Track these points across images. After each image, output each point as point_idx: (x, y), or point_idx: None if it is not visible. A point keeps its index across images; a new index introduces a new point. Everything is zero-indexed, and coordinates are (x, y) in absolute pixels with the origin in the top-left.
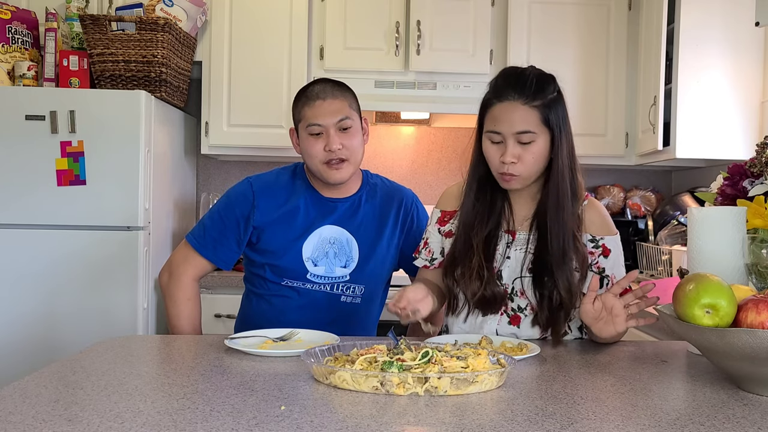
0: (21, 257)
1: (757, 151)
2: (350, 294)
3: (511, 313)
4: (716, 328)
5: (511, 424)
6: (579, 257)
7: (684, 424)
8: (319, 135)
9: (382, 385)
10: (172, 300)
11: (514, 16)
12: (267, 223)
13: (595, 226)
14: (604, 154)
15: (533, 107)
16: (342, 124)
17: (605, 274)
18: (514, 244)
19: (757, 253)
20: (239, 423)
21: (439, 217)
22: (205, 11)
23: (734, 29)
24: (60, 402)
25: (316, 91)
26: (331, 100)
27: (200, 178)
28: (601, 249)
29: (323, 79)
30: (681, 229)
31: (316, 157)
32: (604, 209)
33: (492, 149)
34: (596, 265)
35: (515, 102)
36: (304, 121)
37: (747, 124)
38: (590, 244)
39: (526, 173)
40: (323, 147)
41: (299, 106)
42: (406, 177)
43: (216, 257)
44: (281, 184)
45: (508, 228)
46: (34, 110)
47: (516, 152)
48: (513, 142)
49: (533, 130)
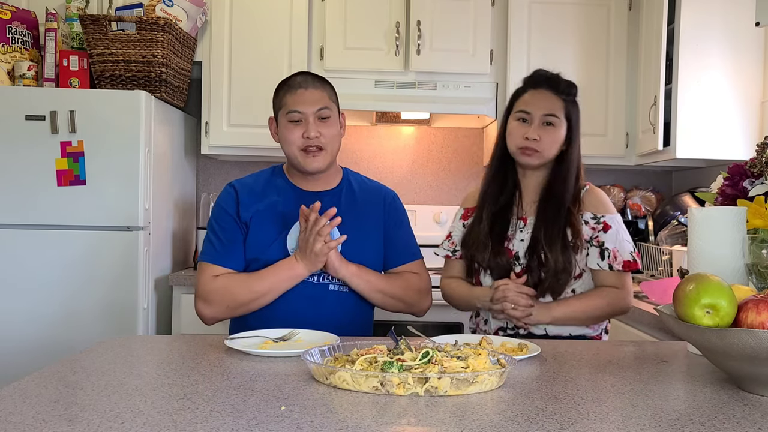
0: (21, 257)
1: (757, 151)
2: (337, 282)
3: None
4: (716, 329)
5: (511, 424)
6: (574, 231)
7: (684, 424)
8: (299, 122)
9: (382, 385)
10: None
11: (514, 16)
12: (251, 217)
13: (595, 207)
14: (605, 154)
15: (561, 98)
16: (321, 113)
17: (605, 247)
18: (526, 228)
19: (757, 253)
20: (239, 423)
21: (463, 213)
22: (205, 11)
23: (734, 29)
24: (60, 402)
25: (298, 81)
26: (312, 89)
27: (200, 178)
28: (602, 225)
29: (305, 72)
30: (681, 229)
31: (294, 144)
32: (603, 193)
33: (517, 127)
34: (596, 239)
35: (547, 91)
36: (284, 108)
37: (747, 124)
38: (592, 221)
39: (545, 153)
40: (302, 134)
41: (280, 94)
42: (406, 177)
43: (236, 263)
44: (260, 182)
45: (519, 214)
46: (34, 110)
47: (539, 131)
48: (538, 123)
49: (558, 116)
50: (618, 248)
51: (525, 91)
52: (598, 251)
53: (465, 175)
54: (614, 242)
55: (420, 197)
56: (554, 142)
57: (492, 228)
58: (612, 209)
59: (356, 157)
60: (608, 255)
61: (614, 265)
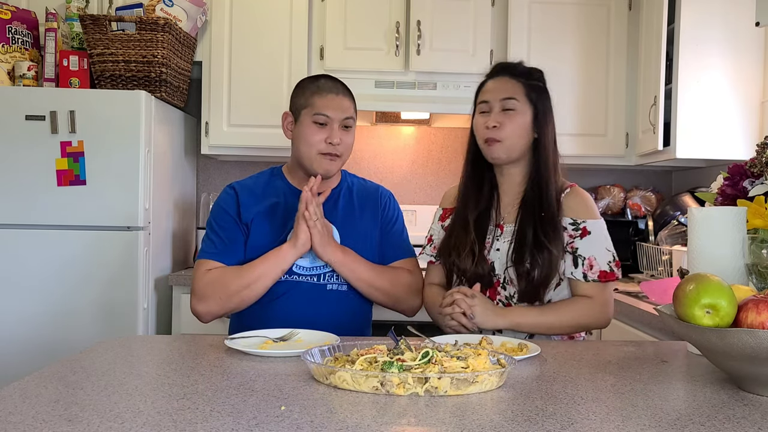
0: (21, 257)
1: (757, 151)
2: (335, 282)
3: (505, 301)
4: (716, 329)
5: (511, 424)
6: (556, 239)
7: (684, 424)
8: (323, 125)
9: (382, 385)
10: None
11: (514, 16)
12: (251, 218)
13: (575, 211)
14: (604, 154)
15: (519, 81)
16: (346, 122)
17: (579, 254)
18: (503, 236)
19: (757, 253)
20: (239, 423)
21: (441, 214)
22: (205, 11)
23: (734, 29)
24: (60, 402)
25: (329, 85)
26: (342, 96)
27: (200, 178)
28: (580, 231)
29: (332, 77)
30: (681, 229)
31: (315, 146)
32: (588, 196)
33: (480, 120)
34: (570, 245)
35: (503, 77)
36: (311, 109)
37: (747, 124)
38: (570, 227)
39: (508, 141)
40: (325, 138)
41: (307, 93)
42: (406, 177)
43: (232, 261)
44: (260, 183)
45: (496, 221)
46: (34, 110)
47: (499, 118)
48: (498, 109)
49: (517, 98)
50: (595, 256)
51: (485, 83)
52: (571, 258)
53: None
54: (590, 250)
55: (420, 197)
56: (517, 127)
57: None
58: (595, 214)
59: (356, 157)
60: (583, 263)
61: (589, 274)
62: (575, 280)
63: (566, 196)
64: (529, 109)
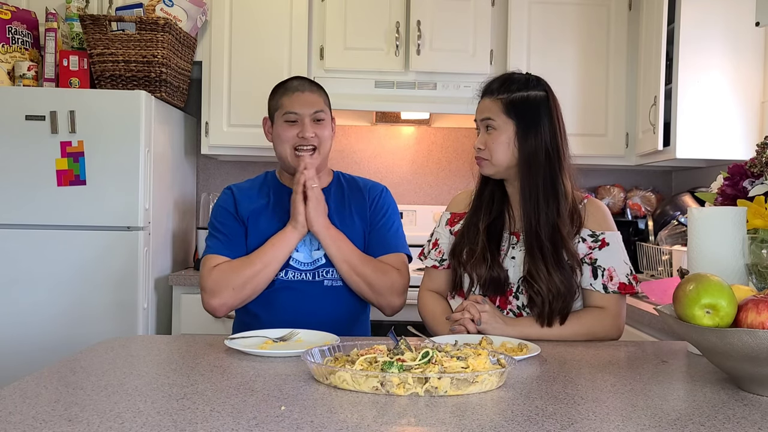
0: (21, 257)
1: (757, 151)
2: (330, 277)
3: (516, 311)
4: (716, 329)
5: (511, 424)
6: (569, 253)
7: (684, 424)
8: (294, 123)
9: (382, 385)
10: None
11: (514, 16)
12: (248, 216)
13: (595, 222)
14: (604, 154)
15: (496, 99)
16: (317, 115)
17: (598, 265)
18: (518, 245)
19: (757, 253)
20: (239, 423)
21: (449, 218)
22: (205, 11)
23: (734, 29)
24: (60, 402)
25: (295, 84)
26: (309, 93)
27: (200, 178)
28: (599, 243)
29: (300, 77)
30: (681, 229)
31: (288, 143)
32: (605, 208)
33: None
34: (589, 256)
35: (484, 99)
36: (281, 110)
37: (747, 124)
38: (590, 239)
39: (493, 159)
40: (296, 133)
41: (276, 96)
42: (406, 177)
43: (237, 254)
44: (255, 185)
45: (512, 229)
46: (34, 110)
47: (483, 139)
48: (482, 130)
49: (493, 118)
50: (614, 267)
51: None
52: (590, 269)
53: (465, 175)
54: (609, 261)
55: (420, 197)
56: (498, 144)
57: (489, 240)
58: (613, 226)
59: (356, 157)
60: (602, 274)
61: (609, 285)
62: (594, 291)
63: (584, 208)
64: (509, 124)
